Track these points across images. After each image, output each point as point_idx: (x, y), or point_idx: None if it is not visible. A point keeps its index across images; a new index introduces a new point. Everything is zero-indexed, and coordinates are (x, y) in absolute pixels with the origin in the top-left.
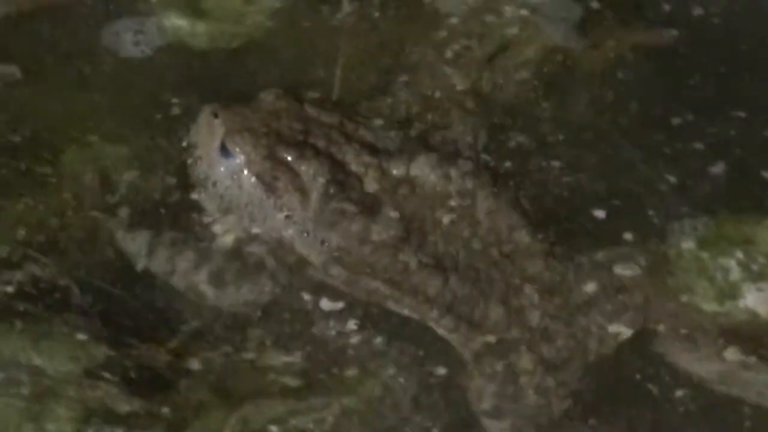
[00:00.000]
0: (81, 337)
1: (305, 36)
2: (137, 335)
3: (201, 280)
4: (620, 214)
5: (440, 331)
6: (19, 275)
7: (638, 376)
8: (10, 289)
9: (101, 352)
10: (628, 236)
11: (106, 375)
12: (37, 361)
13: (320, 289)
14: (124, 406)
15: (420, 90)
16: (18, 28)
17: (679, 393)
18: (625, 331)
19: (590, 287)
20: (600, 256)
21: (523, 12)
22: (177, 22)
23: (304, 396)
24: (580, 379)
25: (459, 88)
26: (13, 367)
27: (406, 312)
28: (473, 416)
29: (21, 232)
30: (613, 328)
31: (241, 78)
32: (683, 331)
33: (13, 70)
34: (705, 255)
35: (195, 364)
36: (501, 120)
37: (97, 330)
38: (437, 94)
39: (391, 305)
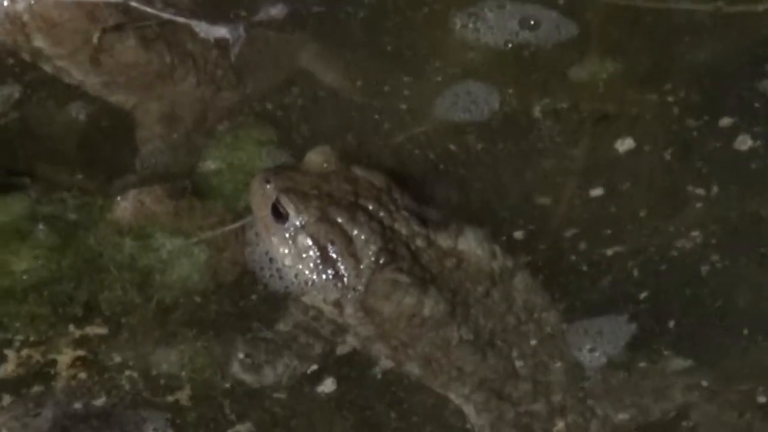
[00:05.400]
0: None
1: None
2: None
3: (236, 371)
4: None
5: (463, 405)
6: None
7: None
8: None
9: None
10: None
11: None
12: None
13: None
14: None
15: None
16: None
17: None
18: (626, 425)
19: (608, 378)
20: (623, 353)
21: None
22: None
23: None
24: None
25: None
26: None
27: (435, 388)
28: None
29: None
30: (617, 419)
31: None
32: None
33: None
34: None
35: None
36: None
37: None
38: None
39: (422, 381)
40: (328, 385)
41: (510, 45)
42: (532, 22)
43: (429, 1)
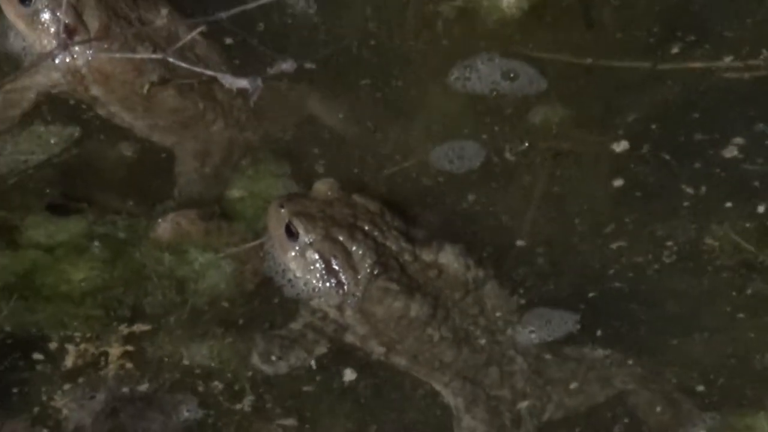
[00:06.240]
0: None
1: None
2: None
3: (255, 362)
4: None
5: (443, 390)
6: None
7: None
8: None
9: None
10: None
11: None
12: None
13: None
14: None
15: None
16: None
17: None
18: (581, 404)
19: (562, 368)
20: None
21: None
22: None
23: None
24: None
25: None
26: None
27: (420, 376)
28: None
29: None
30: (569, 402)
31: None
32: None
33: None
34: None
35: None
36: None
37: None
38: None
39: (409, 371)
40: (348, 374)
41: (493, 93)
42: (512, 75)
43: (427, 55)
